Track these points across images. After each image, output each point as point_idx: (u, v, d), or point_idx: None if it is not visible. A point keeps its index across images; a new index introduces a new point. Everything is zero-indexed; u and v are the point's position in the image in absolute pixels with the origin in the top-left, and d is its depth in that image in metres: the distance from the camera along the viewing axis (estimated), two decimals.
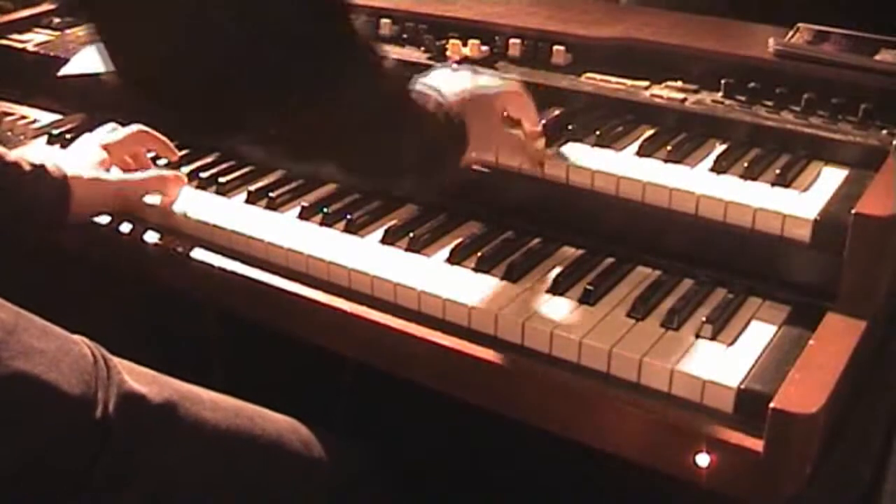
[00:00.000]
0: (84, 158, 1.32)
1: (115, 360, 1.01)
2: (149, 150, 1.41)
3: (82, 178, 1.27)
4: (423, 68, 1.17)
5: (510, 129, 1.24)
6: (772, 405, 0.88)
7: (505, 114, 1.22)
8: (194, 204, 1.32)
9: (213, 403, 1.06)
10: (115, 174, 1.33)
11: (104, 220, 1.32)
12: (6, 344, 0.91)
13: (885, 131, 1.24)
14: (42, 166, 1.24)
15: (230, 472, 1.05)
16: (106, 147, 1.34)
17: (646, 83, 1.39)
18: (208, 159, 1.46)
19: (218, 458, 1.04)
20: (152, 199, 1.33)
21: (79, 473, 0.92)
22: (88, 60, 1.59)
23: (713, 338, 1.02)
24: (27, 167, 1.22)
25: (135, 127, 1.38)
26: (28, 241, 1.27)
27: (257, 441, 1.07)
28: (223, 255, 1.24)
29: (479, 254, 1.17)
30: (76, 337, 1.01)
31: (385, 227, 1.24)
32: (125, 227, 1.31)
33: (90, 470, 0.93)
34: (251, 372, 1.17)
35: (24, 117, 1.64)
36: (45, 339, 0.96)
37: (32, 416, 0.91)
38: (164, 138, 1.40)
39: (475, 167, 1.26)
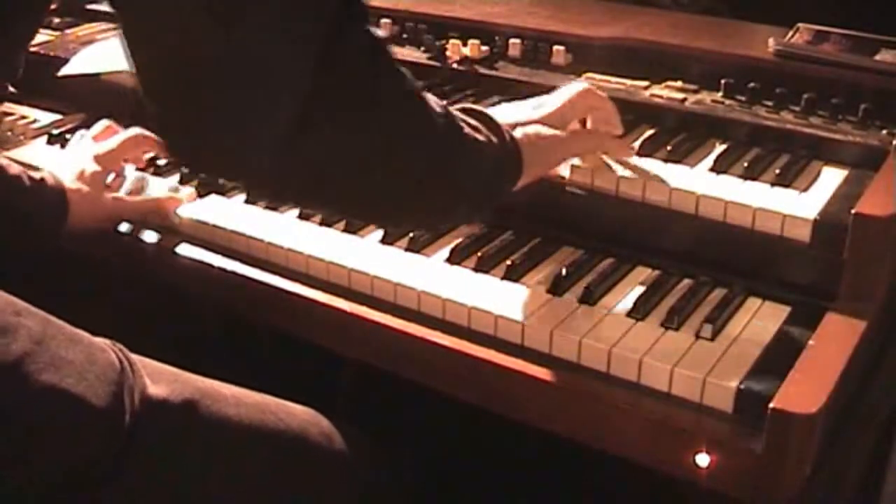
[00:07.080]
0: (81, 172, 1.30)
1: (137, 362, 1.00)
2: (146, 152, 1.41)
3: (80, 194, 1.26)
4: (423, 68, 1.16)
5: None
6: (772, 405, 0.88)
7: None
8: (194, 204, 1.32)
9: (236, 399, 1.05)
10: (114, 193, 1.32)
11: None
12: (35, 356, 0.90)
13: (885, 131, 1.24)
14: (42, 180, 1.23)
15: (255, 468, 1.05)
16: (100, 158, 1.32)
17: (646, 83, 1.39)
18: None
19: (242, 454, 1.04)
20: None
21: (107, 476, 0.92)
22: (88, 60, 1.60)
23: (713, 338, 1.02)
24: (27, 181, 1.22)
25: (132, 131, 1.36)
26: (26, 251, 1.27)
27: (281, 437, 1.07)
28: (223, 255, 1.24)
29: (479, 254, 1.17)
30: (100, 341, 1.00)
31: None
32: (124, 227, 1.31)
33: (118, 472, 0.93)
34: (251, 372, 1.17)
35: (24, 117, 1.64)
36: (73, 348, 0.94)
37: (62, 430, 0.91)
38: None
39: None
